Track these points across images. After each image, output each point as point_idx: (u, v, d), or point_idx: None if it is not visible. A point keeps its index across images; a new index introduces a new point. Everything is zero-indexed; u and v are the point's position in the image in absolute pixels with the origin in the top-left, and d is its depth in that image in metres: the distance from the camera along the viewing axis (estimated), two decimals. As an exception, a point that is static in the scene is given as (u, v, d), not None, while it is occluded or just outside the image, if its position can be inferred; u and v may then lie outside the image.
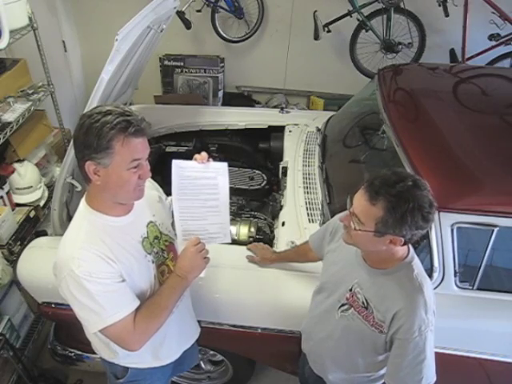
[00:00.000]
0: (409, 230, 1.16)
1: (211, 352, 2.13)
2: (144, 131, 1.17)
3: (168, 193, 1.46)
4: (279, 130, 2.87)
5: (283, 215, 2.13)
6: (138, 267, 1.29)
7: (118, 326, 1.21)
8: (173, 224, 1.46)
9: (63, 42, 3.75)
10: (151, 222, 1.38)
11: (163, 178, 1.47)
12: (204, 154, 1.35)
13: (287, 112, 3.04)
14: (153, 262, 1.35)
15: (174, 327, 1.49)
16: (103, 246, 1.21)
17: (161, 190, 1.56)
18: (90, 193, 1.26)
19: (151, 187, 1.50)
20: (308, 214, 2.08)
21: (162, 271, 1.40)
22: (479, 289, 1.69)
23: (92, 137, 1.12)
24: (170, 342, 1.51)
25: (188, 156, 2.88)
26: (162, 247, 1.41)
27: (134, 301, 1.25)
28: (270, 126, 2.95)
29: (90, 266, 1.17)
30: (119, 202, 1.25)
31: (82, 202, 1.28)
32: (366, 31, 3.56)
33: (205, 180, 1.35)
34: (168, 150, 2.93)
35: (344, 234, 1.31)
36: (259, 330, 1.84)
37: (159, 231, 1.41)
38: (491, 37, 3.38)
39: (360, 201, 1.21)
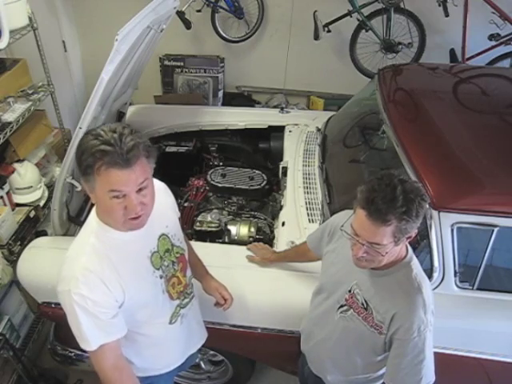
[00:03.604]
0: (421, 218, 1.18)
1: (211, 352, 2.13)
2: (129, 163, 1.05)
3: None
4: (279, 130, 2.87)
5: (283, 215, 2.13)
6: (144, 284, 1.27)
7: (94, 353, 1.22)
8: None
9: (63, 42, 3.75)
10: (163, 234, 1.34)
11: (163, 178, 1.46)
12: None
13: (287, 112, 3.04)
14: (161, 278, 1.33)
15: (182, 336, 1.49)
16: (108, 266, 1.19)
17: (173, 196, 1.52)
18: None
19: (167, 194, 1.45)
20: (308, 214, 2.08)
21: (172, 284, 1.38)
22: (479, 289, 1.69)
23: (78, 157, 1.10)
24: (175, 351, 1.51)
25: (188, 156, 2.85)
26: (172, 259, 1.37)
27: (113, 333, 1.22)
28: (269, 126, 2.94)
29: (88, 292, 1.15)
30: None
31: (92, 212, 1.25)
32: (366, 31, 3.55)
33: None
34: (168, 150, 2.93)
35: (364, 263, 1.26)
36: (259, 330, 1.84)
37: (171, 243, 1.37)
38: (491, 37, 3.38)
39: (372, 229, 1.16)
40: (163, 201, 1.40)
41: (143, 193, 1.13)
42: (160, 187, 1.43)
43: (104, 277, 1.17)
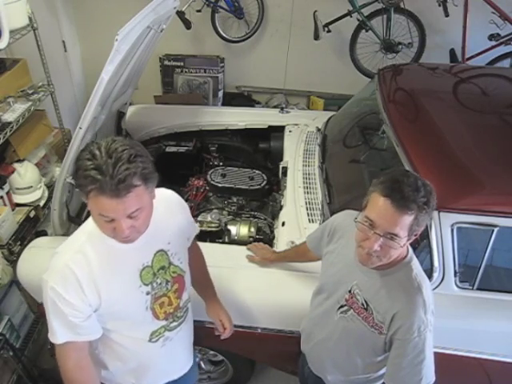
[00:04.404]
0: (432, 212, 1.22)
1: (211, 352, 2.13)
2: (119, 194, 1.00)
3: None
4: (279, 130, 2.87)
5: (283, 215, 2.13)
6: (124, 297, 1.23)
7: (59, 347, 1.22)
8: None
9: (63, 42, 3.75)
10: (162, 250, 1.29)
11: (163, 178, 1.46)
12: None
13: (287, 112, 3.04)
14: (148, 294, 1.27)
15: (161, 358, 1.42)
16: (90, 268, 1.16)
17: (189, 213, 1.46)
18: None
19: (180, 209, 1.40)
20: (308, 214, 2.08)
21: (161, 303, 1.32)
22: (479, 289, 1.69)
23: (75, 170, 1.07)
24: (151, 371, 1.44)
25: (188, 156, 2.85)
26: (166, 278, 1.31)
27: (81, 335, 1.20)
28: (270, 126, 2.95)
29: (63, 290, 1.15)
30: None
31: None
32: (366, 31, 3.56)
33: None
34: (168, 150, 2.93)
35: (374, 259, 1.24)
36: (259, 330, 1.84)
37: (168, 261, 1.31)
38: (491, 37, 3.38)
39: (395, 217, 1.15)
40: (173, 216, 1.34)
41: (136, 218, 1.09)
42: (174, 201, 1.38)
43: (82, 278, 1.15)
